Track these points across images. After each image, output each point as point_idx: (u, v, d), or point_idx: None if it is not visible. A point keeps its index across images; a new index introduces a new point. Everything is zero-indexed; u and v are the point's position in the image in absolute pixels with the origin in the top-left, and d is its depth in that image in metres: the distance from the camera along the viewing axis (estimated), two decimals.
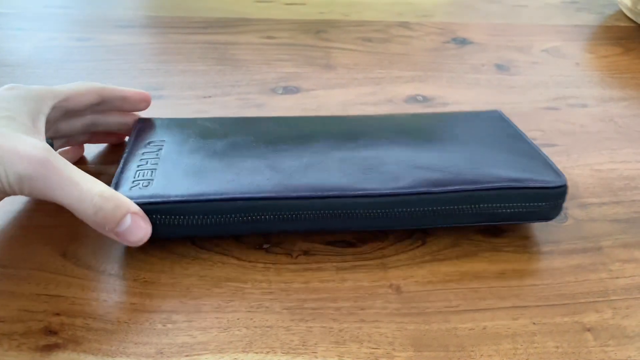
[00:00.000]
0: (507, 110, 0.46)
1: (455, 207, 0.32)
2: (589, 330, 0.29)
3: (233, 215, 0.31)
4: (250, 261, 0.32)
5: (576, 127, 0.46)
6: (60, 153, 0.36)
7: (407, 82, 0.52)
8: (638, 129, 0.47)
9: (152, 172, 0.32)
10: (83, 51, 0.54)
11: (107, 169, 0.39)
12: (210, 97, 0.48)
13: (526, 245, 0.34)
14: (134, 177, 0.32)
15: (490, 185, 0.32)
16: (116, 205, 0.28)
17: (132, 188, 0.31)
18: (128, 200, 0.29)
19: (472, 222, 0.33)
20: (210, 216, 0.31)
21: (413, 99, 0.49)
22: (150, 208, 0.30)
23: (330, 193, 0.31)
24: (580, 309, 0.30)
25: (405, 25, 0.65)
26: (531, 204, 0.33)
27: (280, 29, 0.61)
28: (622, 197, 0.39)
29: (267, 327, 0.28)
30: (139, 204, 0.30)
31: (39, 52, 0.53)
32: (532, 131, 0.45)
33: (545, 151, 0.36)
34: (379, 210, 0.32)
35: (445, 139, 0.37)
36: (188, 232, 0.31)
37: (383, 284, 0.31)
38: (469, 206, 0.32)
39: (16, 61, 0.51)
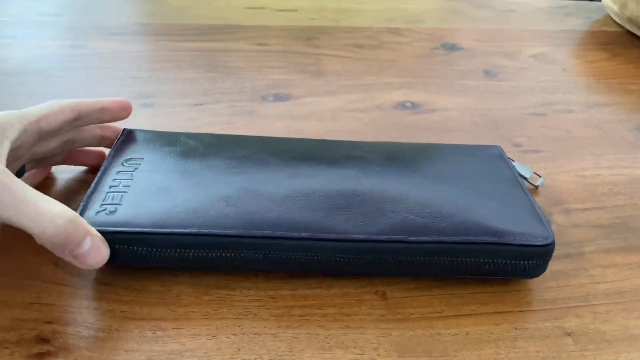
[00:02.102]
0: (493, 117, 0.47)
1: (431, 259, 0.30)
2: (569, 334, 0.30)
3: (195, 251, 0.30)
4: None
5: (562, 133, 0.47)
6: (23, 177, 0.36)
7: (396, 88, 0.53)
8: (622, 135, 0.47)
9: (122, 195, 0.32)
10: (75, 59, 0.54)
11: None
12: (201, 104, 0.48)
13: None
14: (103, 201, 0.31)
15: (469, 238, 0.30)
16: (76, 227, 0.28)
17: (99, 213, 0.30)
18: (86, 223, 0.29)
19: (450, 274, 0.31)
20: (171, 250, 0.30)
21: (401, 106, 0.50)
22: (112, 237, 0.29)
23: (298, 235, 0.30)
24: (561, 314, 0.31)
25: (395, 31, 0.65)
26: (514, 261, 0.30)
27: (271, 36, 0.62)
28: (606, 202, 0.39)
29: (255, 333, 0.29)
30: (101, 232, 0.29)
31: (31, 60, 0.54)
32: (518, 137, 0.46)
33: (531, 157, 0.37)
34: (348, 256, 0.30)
35: (434, 175, 0.35)
36: (148, 262, 0.30)
37: (369, 290, 0.32)
38: (446, 259, 0.30)
39: (8, 69, 0.52)
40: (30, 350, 0.27)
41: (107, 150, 0.39)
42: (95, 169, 0.39)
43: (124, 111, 0.38)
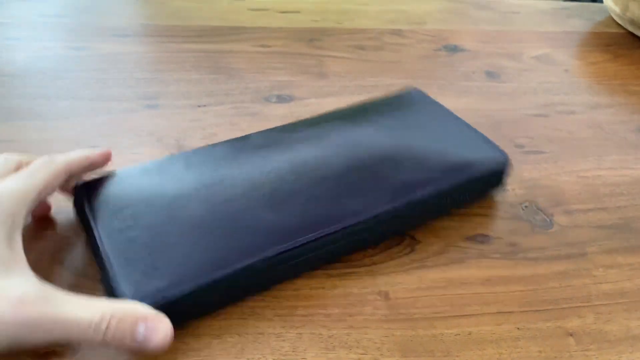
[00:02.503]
0: (496, 117, 0.47)
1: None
2: (571, 335, 0.30)
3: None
4: None
5: (564, 134, 0.47)
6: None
7: (398, 89, 0.53)
8: (624, 136, 0.47)
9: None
10: (78, 60, 0.55)
11: None
12: (204, 106, 0.48)
13: (512, 251, 0.35)
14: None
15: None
16: (122, 323, 0.25)
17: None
18: (132, 307, 0.26)
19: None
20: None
21: None
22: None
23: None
24: (563, 314, 0.31)
25: (397, 32, 0.66)
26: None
27: (274, 37, 0.62)
28: (608, 203, 0.40)
29: (259, 333, 0.29)
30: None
31: (34, 62, 0.54)
32: (520, 138, 0.46)
33: (533, 158, 0.37)
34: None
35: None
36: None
37: (372, 291, 0.32)
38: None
39: (12, 71, 0.52)
40: (36, 350, 0.28)
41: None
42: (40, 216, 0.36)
43: (106, 161, 0.35)
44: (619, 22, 0.70)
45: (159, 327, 0.26)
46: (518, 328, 0.30)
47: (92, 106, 0.47)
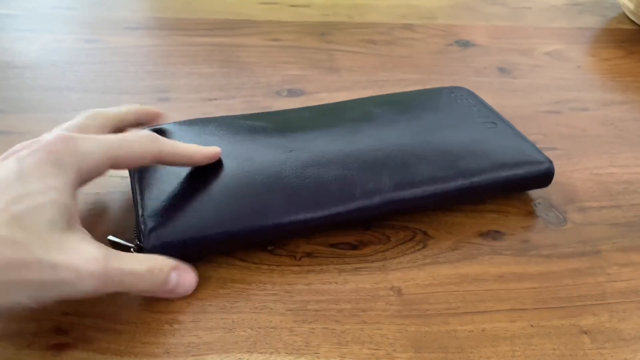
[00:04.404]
0: (508, 114, 0.46)
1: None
2: (585, 333, 0.30)
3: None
4: (254, 263, 0.33)
5: (577, 131, 0.47)
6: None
7: (410, 85, 0.53)
8: (638, 133, 0.47)
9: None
10: (90, 53, 0.55)
11: None
12: (215, 99, 0.48)
13: (525, 248, 0.35)
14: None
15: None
16: (159, 269, 0.29)
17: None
18: (164, 259, 0.29)
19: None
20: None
21: None
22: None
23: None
24: (578, 312, 0.31)
25: (408, 27, 0.65)
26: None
27: (285, 31, 0.62)
28: (621, 201, 0.39)
29: (271, 328, 0.29)
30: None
31: (47, 54, 0.54)
32: (533, 135, 0.46)
33: (546, 155, 0.37)
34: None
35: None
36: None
37: (384, 286, 0.32)
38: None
39: (24, 63, 0.52)
40: (48, 342, 0.28)
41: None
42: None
43: (156, 119, 0.38)
44: (633, 18, 0.70)
45: (186, 277, 0.30)
46: (532, 325, 0.30)
47: (103, 99, 0.47)
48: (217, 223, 0.31)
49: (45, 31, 0.58)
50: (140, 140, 0.30)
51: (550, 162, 0.37)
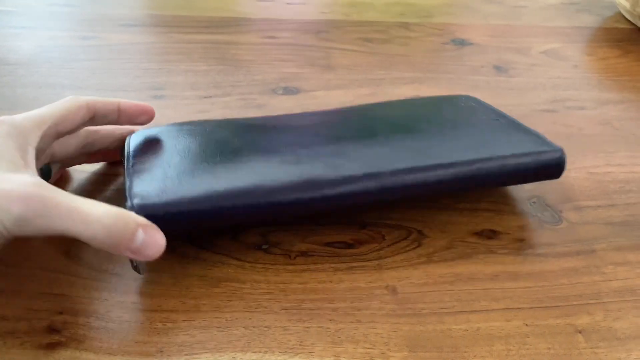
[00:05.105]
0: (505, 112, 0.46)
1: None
2: (580, 332, 0.29)
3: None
4: (249, 261, 0.33)
5: (573, 130, 0.47)
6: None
7: (406, 83, 0.53)
8: (634, 132, 0.47)
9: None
10: (86, 50, 0.54)
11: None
12: (211, 97, 0.48)
13: (521, 247, 0.35)
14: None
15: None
16: (125, 223, 0.27)
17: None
18: (135, 214, 0.28)
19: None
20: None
21: None
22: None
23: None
24: (573, 311, 0.31)
25: (405, 25, 0.65)
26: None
27: (281, 29, 0.62)
28: (617, 200, 0.39)
29: (265, 327, 0.29)
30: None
31: (42, 51, 0.54)
32: None
33: None
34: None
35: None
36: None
37: (379, 285, 0.32)
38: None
39: (19, 60, 0.52)
40: (41, 341, 0.27)
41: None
42: (114, 162, 0.39)
43: (143, 115, 0.37)
44: (629, 17, 0.70)
45: (156, 237, 0.28)
46: (527, 324, 0.30)
47: (99, 96, 0.47)
48: (207, 197, 0.30)
49: (40, 28, 0.58)
50: (65, 101, 0.33)
51: (563, 151, 0.36)
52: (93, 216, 0.26)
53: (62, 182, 0.38)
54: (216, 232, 0.34)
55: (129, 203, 0.30)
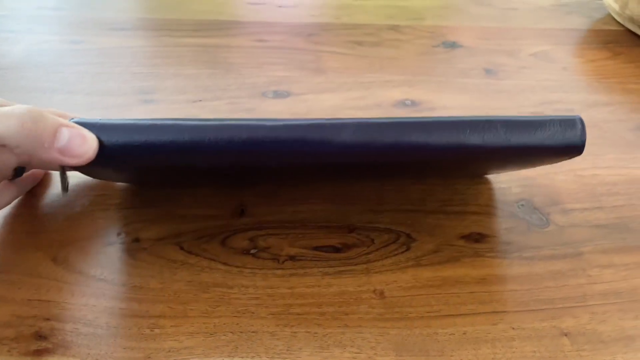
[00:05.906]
0: (494, 115, 0.46)
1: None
2: (566, 335, 0.30)
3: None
4: (237, 266, 0.33)
5: None
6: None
7: (396, 86, 0.53)
8: (622, 135, 0.47)
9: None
10: (75, 54, 0.54)
11: None
12: (200, 101, 0.48)
13: (508, 250, 0.35)
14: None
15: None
16: (42, 116, 0.25)
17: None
18: (57, 117, 0.26)
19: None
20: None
21: (401, 104, 0.50)
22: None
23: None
24: (558, 314, 0.31)
25: (395, 28, 0.65)
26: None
27: (271, 32, 0.62)
28: (604, 202, 0.39)
29: (253, 332, 0.29)
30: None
31: (31, 55, 0.53)
32: None
33: None
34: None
35: None
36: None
37: (367, 289, 0.32)
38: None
39: (7, 64, 0.52)
40: (28, 347, 0.27)
41: None
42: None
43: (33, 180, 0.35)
44: (618, 19, 0.70)
45: (85, 135, 0.25)
46: (513, 328, 0.30)
47: (88, 100, 0.47)
48: (154, 126, 0.27)
49: (29, 32, 0.58)
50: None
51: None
52: (8, 110, 0.24)
53: (42, 186, 0.38)
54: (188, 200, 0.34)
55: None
